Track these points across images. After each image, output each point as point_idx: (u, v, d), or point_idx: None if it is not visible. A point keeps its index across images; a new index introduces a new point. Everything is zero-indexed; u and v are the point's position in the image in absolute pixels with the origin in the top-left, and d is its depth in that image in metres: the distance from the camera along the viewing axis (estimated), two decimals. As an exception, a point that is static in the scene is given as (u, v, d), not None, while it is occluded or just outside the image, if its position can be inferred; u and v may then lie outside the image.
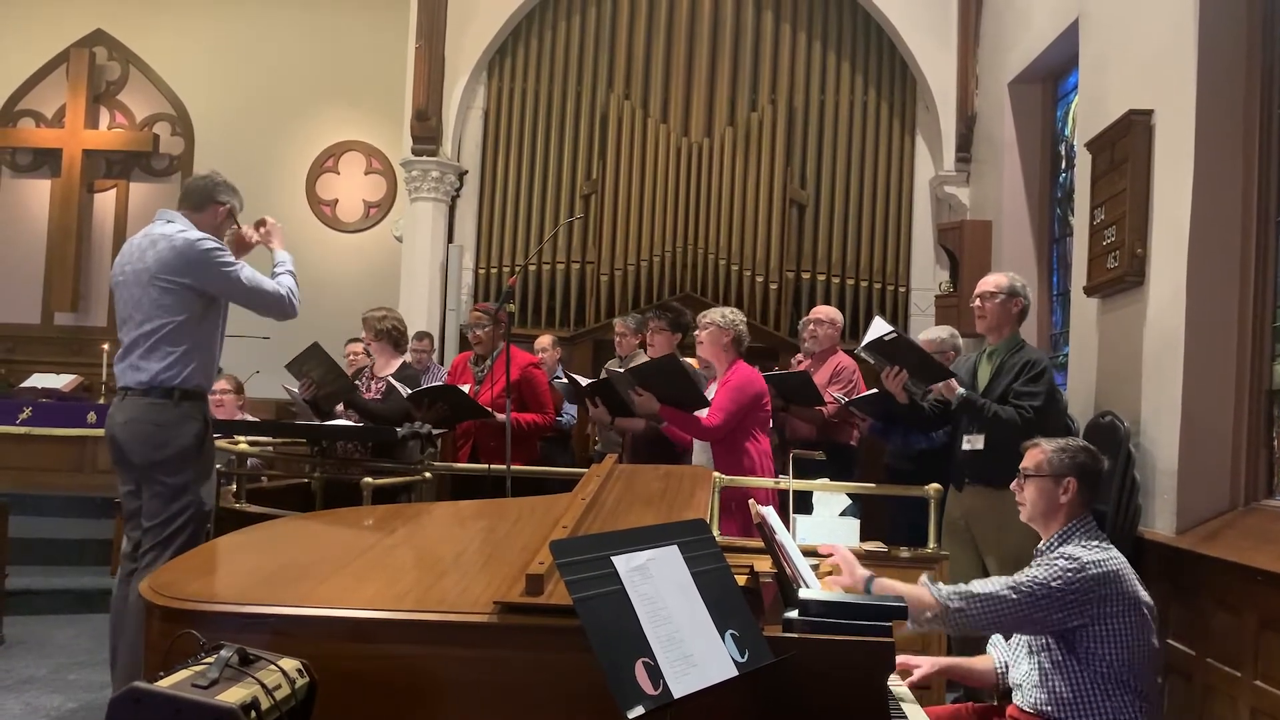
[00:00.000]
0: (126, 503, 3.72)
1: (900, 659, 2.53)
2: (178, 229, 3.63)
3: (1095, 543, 2.60)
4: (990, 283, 4.07)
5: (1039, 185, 6.38)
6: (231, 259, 3.63)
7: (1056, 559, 2.53)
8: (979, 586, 2.51)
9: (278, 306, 3.72)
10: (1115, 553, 2.57)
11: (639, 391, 4.25)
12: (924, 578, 2.58)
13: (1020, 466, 2.78)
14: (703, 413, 4.26)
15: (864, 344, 4.05)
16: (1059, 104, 6.27)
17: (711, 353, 4.39)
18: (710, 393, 4.36)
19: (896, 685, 2.51)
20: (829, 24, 7.87)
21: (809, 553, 2.54)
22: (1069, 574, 2.47)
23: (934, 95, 7.47)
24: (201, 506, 3.62)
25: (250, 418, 5.88)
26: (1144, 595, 2.55)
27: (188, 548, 3.42)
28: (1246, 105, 3.78)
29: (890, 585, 2.46)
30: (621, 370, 4.47)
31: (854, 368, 5.24)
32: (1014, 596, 2.46)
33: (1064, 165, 6.17)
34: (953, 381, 3.95)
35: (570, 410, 6.26)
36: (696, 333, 4.47)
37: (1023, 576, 2.51)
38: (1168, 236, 3.97)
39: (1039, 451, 2.75)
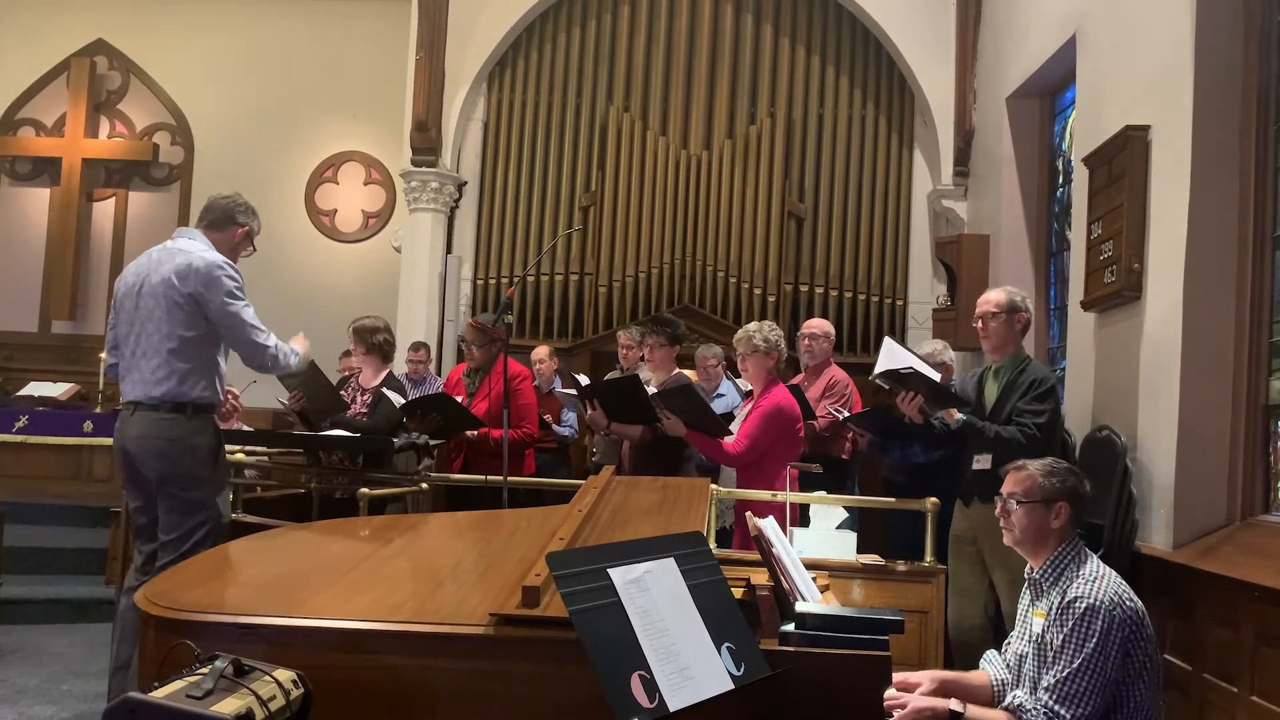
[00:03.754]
0: (136, 517, 3.72)
1: (899, 676, 2.52)
2: (200, 248, 3.67)
3: (1090, 569, 2.56)
4: (991, 301, 4.05)
5: (1036, 200, 6.39)
6: (241, 294, 3.64)
7: (1073, 611, 2.46)
8: (1050, 696, 2.42)
9: (261, 356, 3.68)
10: (1110, 577, 2.54)
11: (667, 415, 4.24)
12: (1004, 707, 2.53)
13: (1004, 490, 2.69)
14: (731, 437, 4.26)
15: (878, 372, 4.07)
16: (1057, 119, 6.29)
17: (755, 377, 4.35)
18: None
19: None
20: (828, 38, 7.90)
21: (809, 565, 2.53)
22: (1096, 619, 2.42)
23: (932, 109, 7.50)
24: (219, 519, 3.64)
25: (245, 427, 5.87)
26: (1152, 642, 2.51)
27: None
28: (1243, 121, 3.80)
29: (980, 716, 2.45)
30: (654, 390, 4.47)
31: (847, 381, 5.24)
32: (1087, 679, 2.40)
33: (1061, 180, 6.19)
34: (952, 409, 3.96)
35: (571, 420, 6.26)
36: (739, 360, 4.42)
37: (1068, 659, 2.42)
38: (1165, 251, 3.98)
39: (1026, 475, 2.66)
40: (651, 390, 4.47)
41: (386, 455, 4.55)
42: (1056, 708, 2.40)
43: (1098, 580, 2.50)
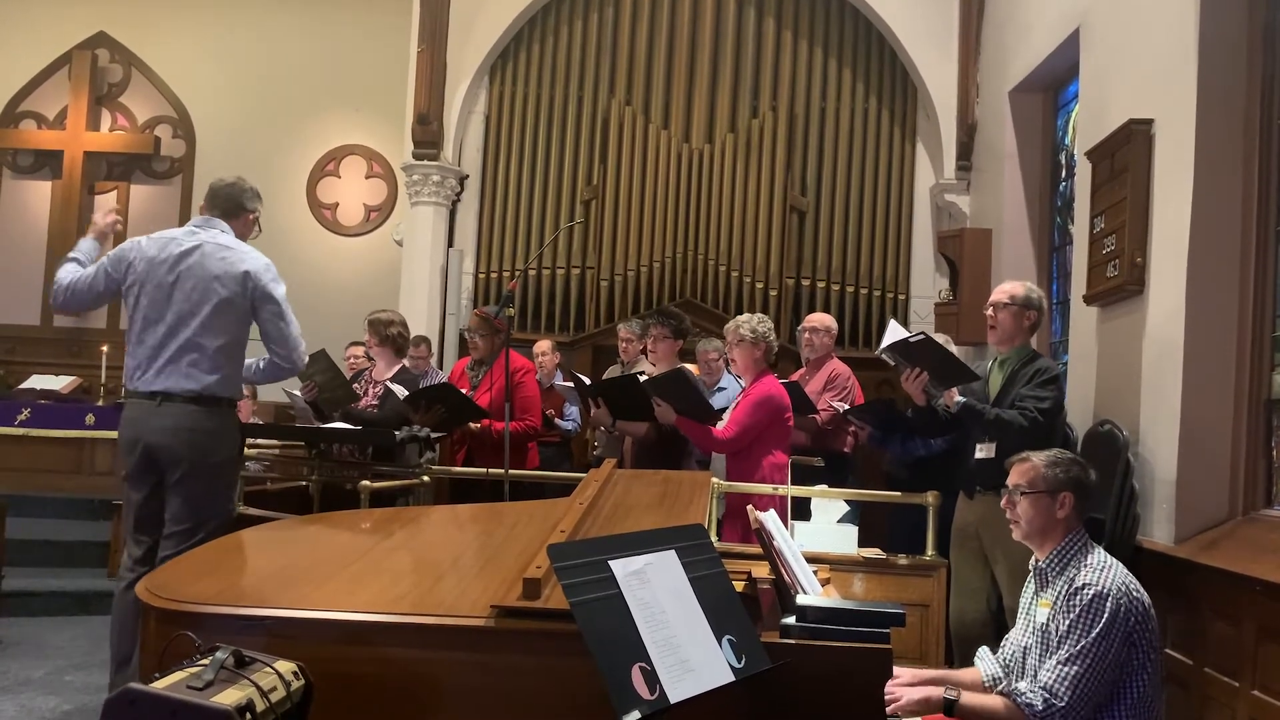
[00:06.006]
0: (139, 509, 3.69)
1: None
2: (242, 247, 3.73)
3: (1097, 559, 2.57)
4: (1005, 292, 4.02)
5: (1039, 194, 6.38)
6: (284, 304, 3.74)
7: (1080, 599, 2.46)
8: (1049, 676, 2.43)
9: (295, 362, 3.80)
10: (1118, 567, 2.55)
11: (658, 401, 4.25)
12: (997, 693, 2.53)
13: (1009, 482, 2.70)
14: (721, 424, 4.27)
15: (885, 345, 4.03)
16: (1059, 113, 6.27)
17: (744, 367, 4.39)
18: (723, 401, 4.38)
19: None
20: (830, 31, 7.89)
21: (810, 559, 2.53)
22: (1103, 607, 2.43)
23: (935, 103, 7.48)
24: (230, 513, 3.69)
25: (256, 421, 5.89)
26: (1156, 635, 2.51)
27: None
28: (1246, 115, 3.78)
29: (974, 702, 2.46)
30: (642, 379, 4.47)
31: (849, 374, 5.23)
32: (1088, 664, 2.41)
33: (1064, 174, 6.17)
34: (953, 391, 3.93)
35: (573, 414, 6.25)
36: (727, 350, 4.45)
37: (1072, 644, 2.43)
38: (1167, 245, 3.97)
39: (1030, 466, 2.67)
40: (646, 378, 4.48)
41: (389, 448, 4.55)
42: (1056, 687, 2.40)
43: (1106, 569, 2.51)
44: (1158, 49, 4.16)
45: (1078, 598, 2.47)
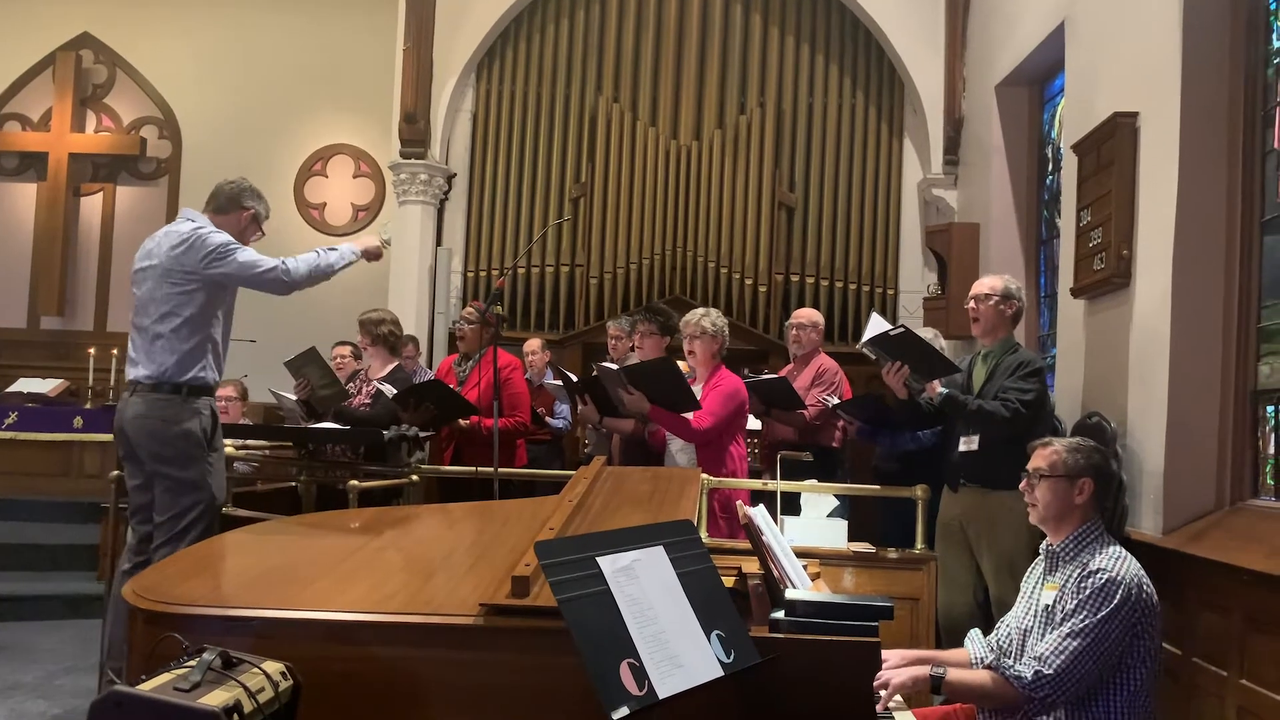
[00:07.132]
0: (134, 497, 3.74)
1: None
2: (193, 225, 3.70)
3: (1114, 550, 2.57)
4: (985, 285, 4.09)
5: (1026, 188, 6.40)
6: (229, 245, 3.66)
7: (1093, 581, 2.47)
8: (1045, 648, 2.45)
9: (273, 281, 3.72)
10: (1134, 561, 2.55)
11: (629, 390, 4.26)
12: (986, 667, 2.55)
13: (1030, 466, 2.71)
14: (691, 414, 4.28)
15: (866, 339, 4.06)
16: (1046, 107, 6.29)
17: (703, 359, 4.42)
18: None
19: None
20: (817, 27, 7.89)
21: (800, 554, 2.53)
22: (1114, 593, 2.44)
23: (922, 98, 7.49)
24: (213, 501, 3.66)
25: (246, 421, 5.87)
26: (1159, 632, 2.53)
27: (200, 542, 3.43)
28: (1230, 107, 3.80)
29: (961, 678, 2.46)
30: (614, 368, 4.47)
31: (836, 369, 5.24)
32: (1085, 643, 2.42)
33: (1051, 168, 6.20)
34: (935, 383, 3.97)
35: (564, 412, 6.24)
36: (685, 342, 4.48)
37: (1076, 621, 2.44)
38: (1153, 238, 3.99)
39: (1051, 451, 2.68)
40: (620, 366, 4.48)
41: (377, 447, 4.54)
42: (1051, 658, 2.42)
43: (1122, 560, 2.53)
44: (1143, 42, 4.17)
45: (1090, 580, 2.48)
